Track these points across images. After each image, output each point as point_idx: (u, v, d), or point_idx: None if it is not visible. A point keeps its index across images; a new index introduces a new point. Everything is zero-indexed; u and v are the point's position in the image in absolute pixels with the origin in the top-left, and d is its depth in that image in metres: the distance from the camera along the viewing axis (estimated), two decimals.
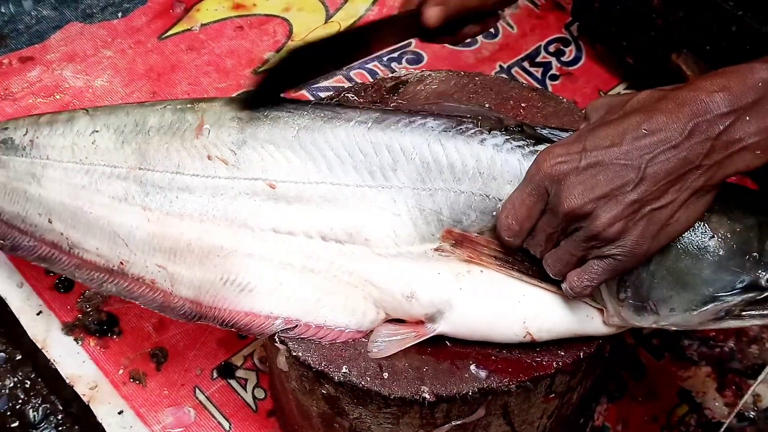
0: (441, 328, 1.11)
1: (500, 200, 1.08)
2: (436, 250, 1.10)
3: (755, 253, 1.02)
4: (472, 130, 1.12)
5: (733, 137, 0.94)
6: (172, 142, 1.20)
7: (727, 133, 0.94)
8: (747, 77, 0.95)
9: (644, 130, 0.95)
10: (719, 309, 1.03)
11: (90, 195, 1.23)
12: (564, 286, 1.05)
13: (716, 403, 1.46)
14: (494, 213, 1.08)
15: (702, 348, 1.52)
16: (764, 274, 1.02)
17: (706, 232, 1.03)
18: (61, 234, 1.27)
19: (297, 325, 1.13)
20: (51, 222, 1.27)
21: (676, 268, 1.03)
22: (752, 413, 1.45)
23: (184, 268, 1.19)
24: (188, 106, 1.23)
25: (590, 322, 1.11)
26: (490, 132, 1.12)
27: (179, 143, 1.20)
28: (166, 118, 1.23)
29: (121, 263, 1.23)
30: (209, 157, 1.18)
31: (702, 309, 1.03)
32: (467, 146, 1.11)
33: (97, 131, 1.26)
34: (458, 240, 1.09)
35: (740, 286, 1.02)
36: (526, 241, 1.06)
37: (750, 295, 1.02)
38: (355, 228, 1.12)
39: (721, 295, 1.02)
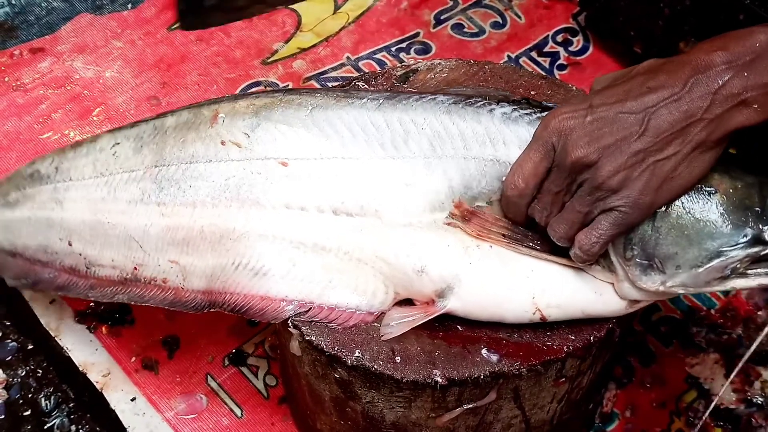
0: (451, 304, 1.12)
1: (510, 165, 1.09)
2: (448, 224, 1.11)
3: (757, 208, 1.04)
4: (481, 102, 1.15)
5: (732, 92, 0.97)
6: (187, 135, 1.22)
7: (726, 87, 0.97)
8: (746, 39, 0.98)
9: (648, 87, 0.99)
10: (725, 265, 1.04)
11: (108, 205, 1.24)
12: (573, 251, 1.06)
13: (724, 389, 1.47)
14: (503, 179, 1.10)
15: (710, 335, 1.53)
16: (767, 227, 1.03)
17: (708, 188, 1.05)
18: (80, 255, 1.28)
19: (310, 308, 1.14)
20: (71, 244, 1.28)
21: (680, 224, 1.04)
22: (760, 399, 1.46)
23: (196, 258, 1.19)
24: (206, 105, 1.25)
25: (599, 298, 1.12)
26: (498, 103, 1.15)
27: (194, 134, 1.21)
28: (182, 117, 1.24)
29: (135, 268, 1.23)
30: (222, 143, 1.19)
31: (707, 265, 1.04)
32: (476, 115, 1.14)
33: (118, 143, 1.27)
34: (467, 216, 1.10)
35: (744, 240, 1.03)
36: (532, 207, 1.07)
37: (754, 250, 1.03)
38: (366, 200, 1.13)
39: (726, 250, 1.04)
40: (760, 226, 1.03)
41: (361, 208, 1.13)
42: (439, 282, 1.12)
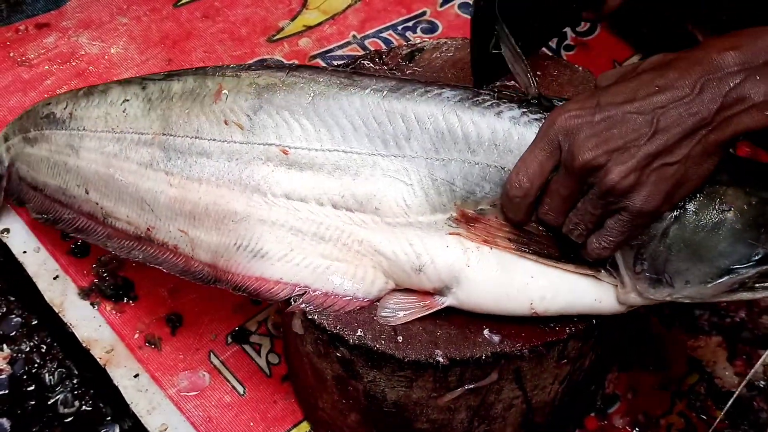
0: (449, 302, 1.12)
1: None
2: (452, 234, 1.10)
3: None
4: (489, 102, 1.12)
5: (743, 95, 0.95)
6: (192, 108, 1.22)
7: (737, 90, 0.95)
8: (759, 39, 0.96)
9: (656, 86, 0.97)
10: (734, 282, 1.03)
11: (120, 162, 1.26)
12: (582, 253, 1.06)
13: (726, 373, 1.47)
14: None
15: (713, 318, 1.53)
16: None
17: (722, 204, 1.03)
18: (96, 204, 1.30)
19: (305, 292, 1.14)
20: (88, 192, 1.31)
21: (692, 240, 1.03)
22: (762, 382, 1.46)
23: (202, 233, 1.20)
24: (210, 75, 1.24)
25: (598, 306, 1.12)
26: (507, 104, 1.11)
27: (199, 108, 1.21)
28: (188, 84, 1.24)
29: (148, 229, 1.25)
30: (226, 122, 1.18)
31: (717, 282, 1.03)
32: (483, 118, 1.10)
33: (127, 100, 1.28)
34: (471, 222, 1.10)
35: (755, 258, 1.02)
36: (541, 210, 1.06)
37: (765, 267, 1.02)
38: (365, 196, 1.12)
39: (737, 268, 1.03)
40: None
41: (361, 204, 1.13)
42: (436, 282, 1.12)
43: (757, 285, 1.04)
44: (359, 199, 1.13)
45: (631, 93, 0.99)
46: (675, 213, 1.03)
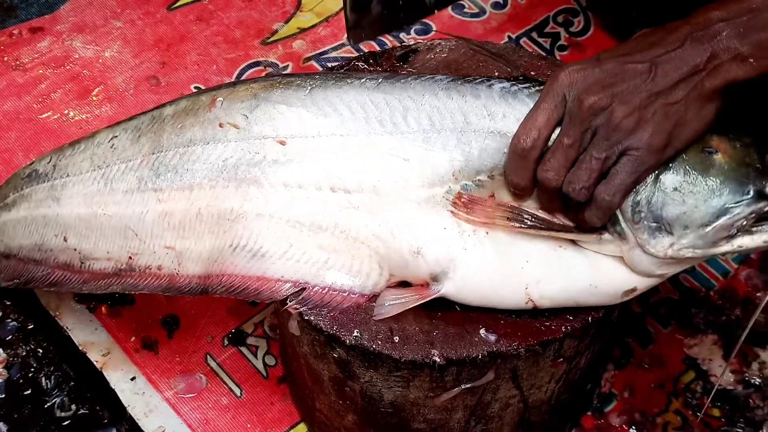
0: (445, 289, 1.12)
1: (510, 137, 1.09)
2: (451, 212, 1.11)
3: (758, 165, 1.07)
4: (479, 80, 1.16)
5: (729, 45, 1.02)
6: (185, 121, 1.21)
7: (724, 41, 1.02)
8: (743, 2, 1.03)
9: (650, 42, 1.05)
10: (731, 222, 1.06)
11: (104, 198, 1.24)
12: (589, 212, 1.06)
13: (722, 371, 1.48)
14: (505, 151, 1.10)
15: (709, 316, 1.53)
16: None
17: (708, 148, 1.08)
18: (74, 250, 1.27)
19: (305, 289, 1.14)
20: (66, 240, 1.28)
21: (685, 183, 1.06)
22: (758, 380, 1.47)
23: (192, 242, 1.19)
24: (204, 93, 1.25)
25: (594, 290, 1.12)
26: (497, 79, 1.16)
27: (192, 119, 1.21)
28: (180, 105, 1.24)
29: (130, 258, 1.23)
30: (221, 125, 1.19)
31: (715, 223, 1.05)
32: (475, 90, 1.14)
33: (116, 136, 1.27)
34: (468, 205, 1.10)
35: (747, 196, 1.06)
36: (542, 169, 1.06)
37: (758, 206, 1.05)
38: (363, 175, 1.13)
39: (731, 207, 1.05)
40: (762, 182, 1.06)
41: (359, 184, 1.13)
42: (433, 265, 1.12)
43: (755, 228, 1.06)
44: (357, 179, 1.13)
45: (628, 50, 1.05)
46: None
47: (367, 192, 1.13)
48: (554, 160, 1.06)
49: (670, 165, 1.07)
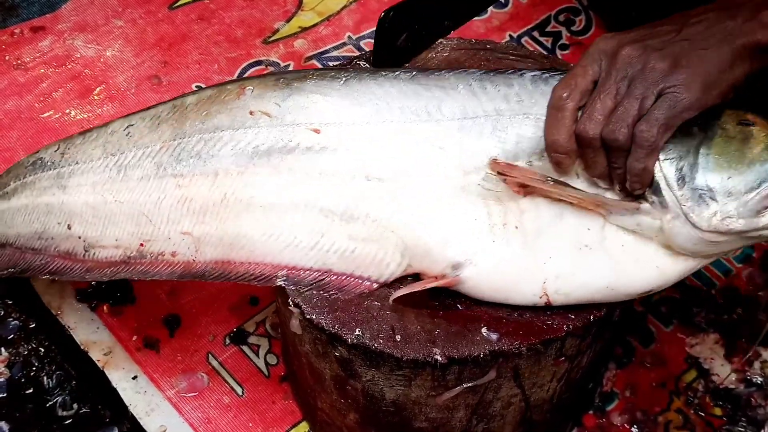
0: (462, 275, 1.12)
1: (543, 120, 1.10)
2: (487, 190, 1.12)
3: None
4: (511, 70, 1.18)
5: (754, 16, 1.04)
6: (210, 108, 1.21)
7: (749, 12, 1.05)
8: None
9: (674, 18, 1.10)
10: None
11: (116, 185, 1.23)
12: (630, 160, 1.06)
13: (724, 370, 1.48)
14: (541, 135, 1.10)
15: (710, 315, 1.53)
16: None
17: (746, 121, 1.10)
18: (79, 237, 1.26)
19: (326, 277, 1.15)
20: (70, 228, 1.26)
21: (725, 150, 1.07)
22: (759, 379, 1.47)
23: (214, 227, 1.18)
24: (230, 83, 1.24)
25: (609, 292, 1.12)
26: (528, 70, 1.18)
27: (219, 107, 1.20)
28: (205, 94, 1.24)
29: (141, 245, 1.22)
30: (251, 113, 1.18)
31: (758, 189, 1.06)
32: (507, 80, 1.16)
33: (132, 125, 1.26)
34: (504, 171, 1.10)
35: None
36: (579, 122, 1.06)
37: None
38: (398, 164, 1.14)
39: None
40: None
41: (394, 172, 1.14)
42: (458, 255, 1.12)
43: None
44: (392, 167, 1.14)
45: (655, 24, 1.09)
46: (704, 128, 1.08)
47: (402, 180, 1.13)
48: (592, 109, 1.06)
49: (711, 134, 1.08)
